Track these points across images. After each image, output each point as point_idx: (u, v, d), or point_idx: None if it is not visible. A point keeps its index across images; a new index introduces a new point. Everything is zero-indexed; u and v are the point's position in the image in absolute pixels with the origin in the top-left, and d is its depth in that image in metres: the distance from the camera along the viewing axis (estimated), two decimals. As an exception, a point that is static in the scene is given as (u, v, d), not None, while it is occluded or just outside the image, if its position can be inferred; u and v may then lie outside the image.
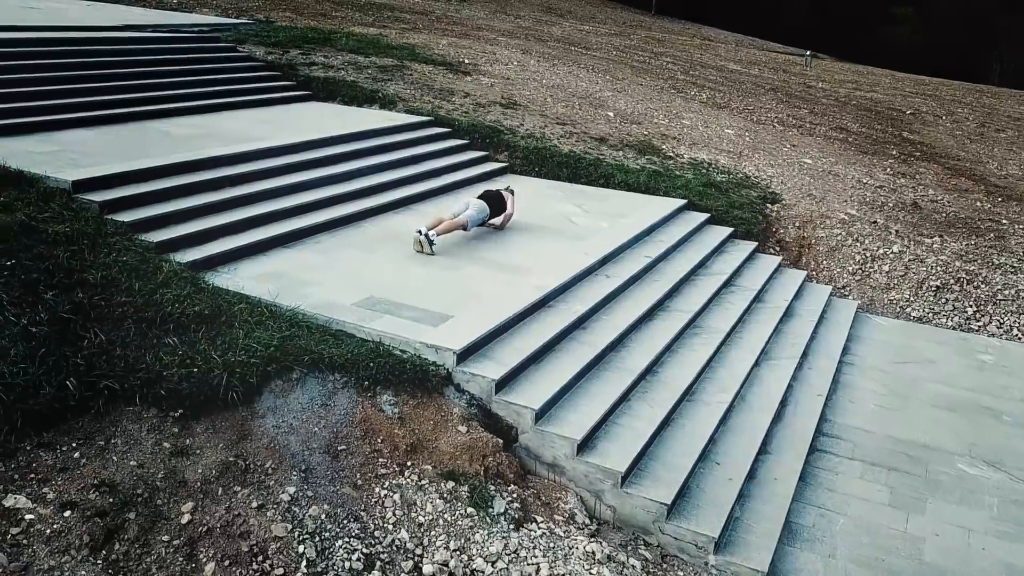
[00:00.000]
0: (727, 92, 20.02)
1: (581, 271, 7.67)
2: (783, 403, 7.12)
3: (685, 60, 26.11)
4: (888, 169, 14.89)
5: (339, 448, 4.99)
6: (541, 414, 5.63)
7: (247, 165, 8.91)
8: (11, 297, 5.20)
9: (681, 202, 10.56)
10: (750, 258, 9.89)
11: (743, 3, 72.67)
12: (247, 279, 6.82)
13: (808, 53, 39.81)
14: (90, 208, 7.03)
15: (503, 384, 5.77)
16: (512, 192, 9.08)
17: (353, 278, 7.07)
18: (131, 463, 4.42)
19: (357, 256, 7.68)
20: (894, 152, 16.53)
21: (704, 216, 10.44)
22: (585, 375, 6.29)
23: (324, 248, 7.86)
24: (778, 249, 10.75)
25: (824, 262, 10.59)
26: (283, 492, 4.58)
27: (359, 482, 4.83)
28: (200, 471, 4.52)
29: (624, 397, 6.19)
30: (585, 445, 5.55)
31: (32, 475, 4.17)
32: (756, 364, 7.53)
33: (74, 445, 4.40)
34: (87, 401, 4.67)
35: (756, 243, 10.30)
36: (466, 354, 5.90)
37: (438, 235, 7.97)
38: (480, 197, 8.70)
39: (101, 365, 4.88)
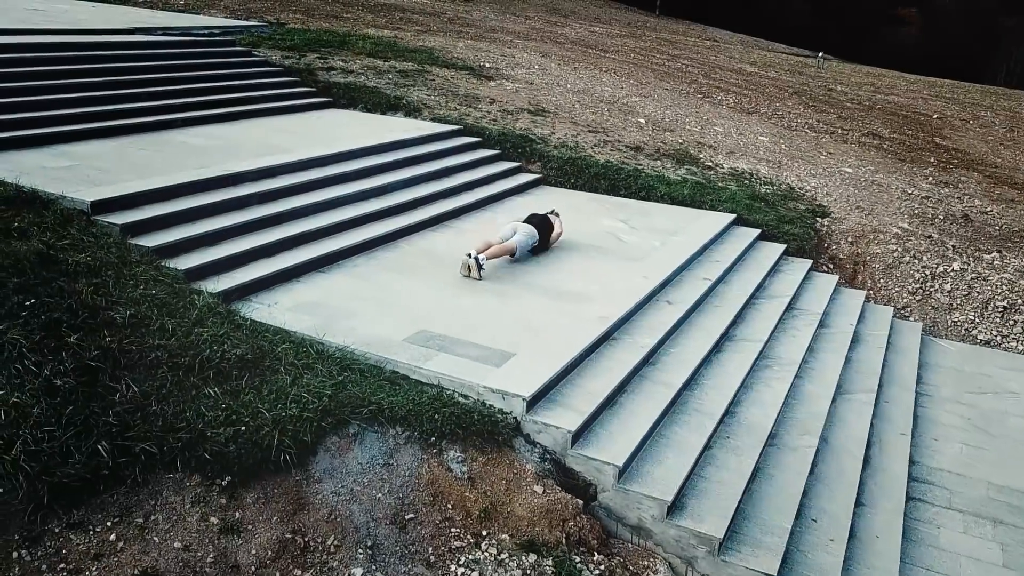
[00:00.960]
0: (752, 96, 19.43)
1: (642, 299, 7.07)
2: (868, 444, 6.52)
3: (702, 63, 25.51)
4: (930, 178, 14.30)
5: (407, 517, 4.39)
6: (624, 470, 5.03)
7: (274, 181, 8.31)
8: (32, 342, 4.59)
9: (730, 217, 9.96)
10: (807, 278, 9.30)
11: (746, 4, 72.17)
12: (285, 310, 6.21)
13: (820, 55, 39.29)
14: (111, 232, 6.42)
15: (578, 435, 5.17)
16: (558, 215, 8.50)
17: (399, 308, 6.46)
18: (175, 545, 3.81)
19: (398, 282, 7.07)
20: (932, 160, 15.95)
21: (755, 232, 9.84)
22: (663, 420, 5.68)
23: (362, 273, 7.25)
24: (831, 267, 10.16)
25: (881, 280, 10.00)
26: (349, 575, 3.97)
27: (432, 558, 4.23)
28: (254, 552, 3.91)
29: (707, 445, 5.59)
30: (674, 505, 4.95)
31: (63, 565, 3.57)
32: (833, 400, 6.93)
33: (109, 524, 3.80)
34: (121, 468, 4.06)
35: (811, 261, 9.70)
36: (535, 400, 5.29)
37: (487, 259, 7.37)
38: (527, 221, 8.10)
39: (136, 424, 4.27)
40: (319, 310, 6.31)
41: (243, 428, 4.35)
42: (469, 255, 7.32)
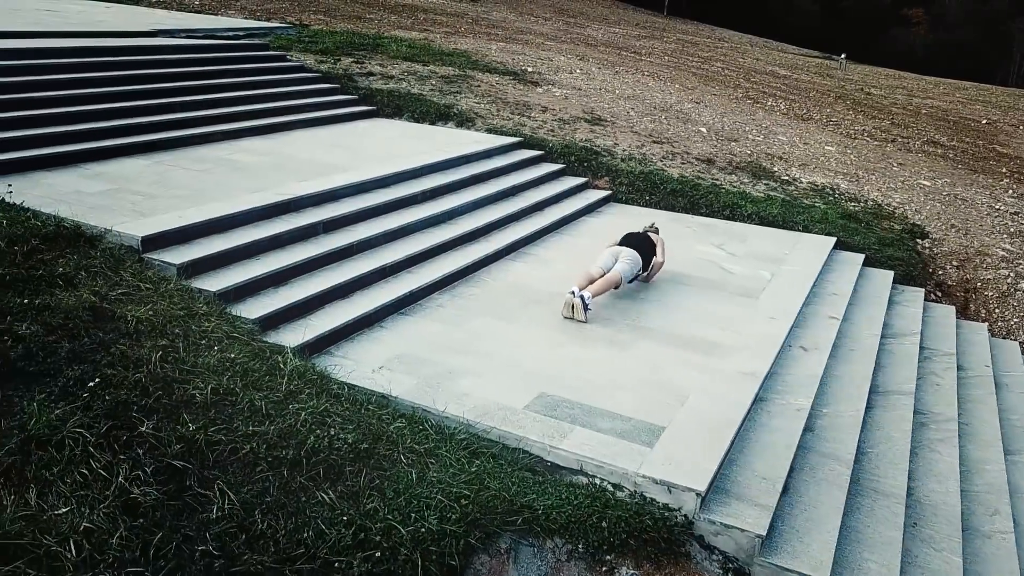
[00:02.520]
0: (800, 102, 18.48)
1: (781, 347, 6.10)
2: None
3: (735, 65, 24.57)
4: (1010, 191, 13.36)
5: (588, 667, 3.41)
6: (828, 584, 4.05)
7: (336, 205, 7.33)
8: (97, 437, 3.60)
9: (831, 241, 9.00)
10: (925, 310, 8.34)
11: (752, 4, 71.30)
12: (377, 368, 5.23)
13: (842, 56, 38.43)
14: (168, 274, 5.43)
15: (766, 538, 4.19)
16: (657, 230, 7.51)
17: (505, 363, 5.49)
18: None
19: (494, 326, 6.09)
20: (1003, 170, 15.01)
21: (860, 258, 8.88)
22: (847, 510, 4.71)
23: (449, 316, 6.27)
24: (939, 295, 9.20)
25: (996, 310, 9.04)
26: None
27: None
28: None
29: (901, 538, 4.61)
30: (892, 628, 3.98)
31: None
32: (1004, 467, 5.97)
33: None
34: (230, 619, 3.07)
35: (922, 290, 8.74)
36: (707, 492, 4.31)
37: (592, 296, 6.39)
38: (623, 243, 7.12)
39: (241, 551, 3.28)
40: (416, 366, 5.32)
41: (377, 553, 3.36)
42: (572, 293, 6.35)
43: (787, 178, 11.21)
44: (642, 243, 7.14)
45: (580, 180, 10.18)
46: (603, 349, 5.84)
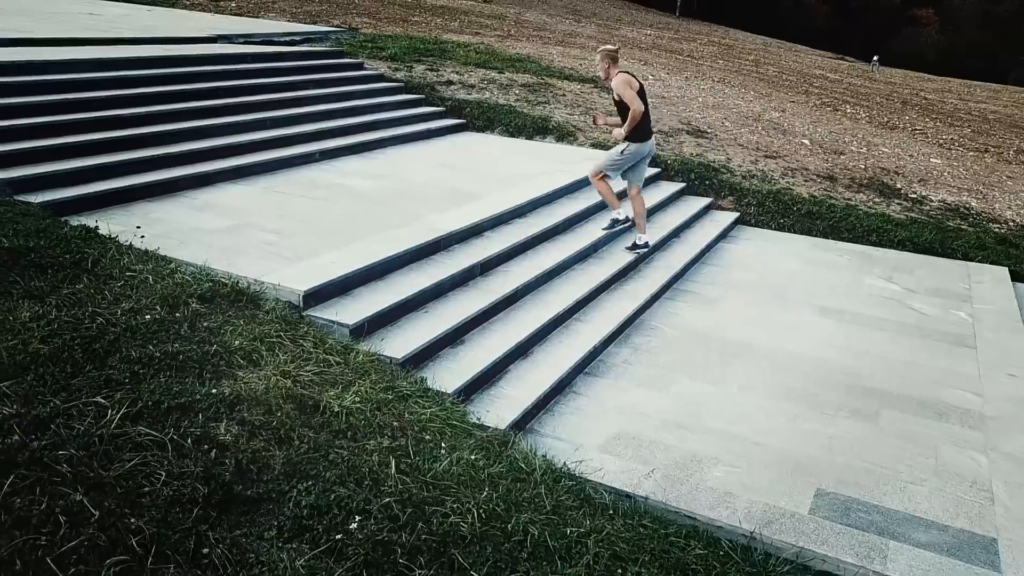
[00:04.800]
0: (874, 109, 17.61)
1: (1046, 414, 5.17)
2: None
3: (787, 69, 23.71)
4: None
5: None
6: None
7: (482, 242, 6.40)
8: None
9: (1005, 271, 8.10)
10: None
11: (763, 5, 70.60)
12: (602, 454, 4.30)
13: (875, 58, 37.67)
14: (341, 336, 4.49)
15: None
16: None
17: (749, 445, 4.56)
18: None
19: (704, 393, 5.17)
20: (1110, 181, 14.12)
21: (1038, 290, 7.96)
22: None
23: (642, 376, 5.34)
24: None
25: None
26: None
27: None
28: None
29: None
30: None
31: None
32: None
33: None
34: None
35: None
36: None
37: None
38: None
39: None
40: (645, 451, 4.39)
41: None
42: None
43: (914, 196, 10.30)
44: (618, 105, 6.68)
45: (704, 200, 9.26)
46: (846, 421, 4.91)
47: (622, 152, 6.75)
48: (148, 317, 3.93)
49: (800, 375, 5.46)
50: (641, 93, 6.52)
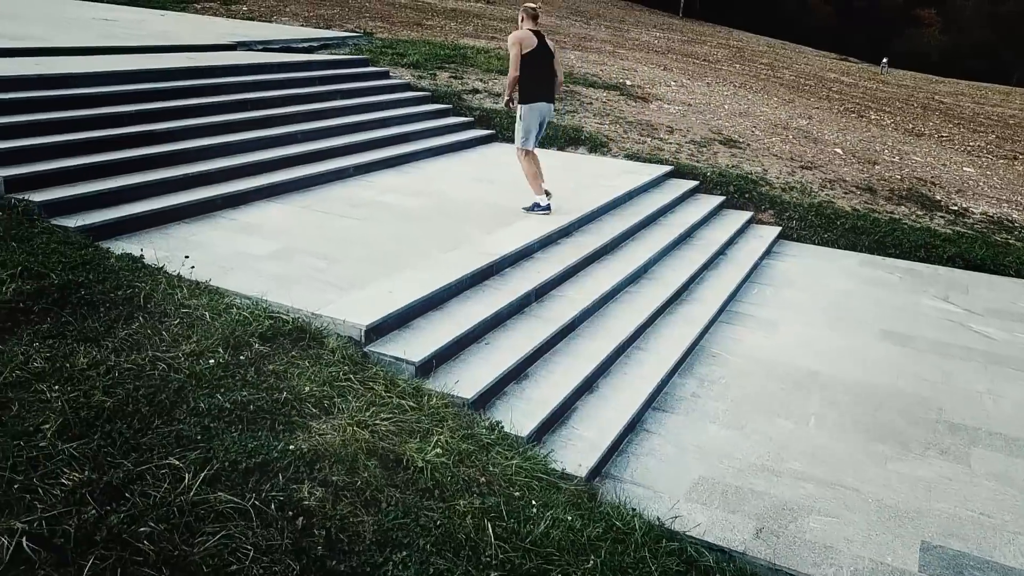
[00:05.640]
0: (901, 115, 17.36)
1: None
2: None
3: (802, 72, 23.46)
4: None
5: None
6: None
7: (535, 265, 6.15)
8: None
9: (1063, 290, 7.84)
10: None
11: (766, 5, 70.40)
12: (687, 503, 4.04)
13: (885, 61, 37.46)
14: (407, 375, 4.23)
15: None
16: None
17: (841, 489, 4.30)
18: None
19: (783, 429, 4.91)
20: None
21: (1098, 309, 7.70)
22: None
23: (714, 412, 5.09)
24: None
25: None
26: None
27: None
28: None
29: None
30: None
31: None
32: None
33: None
34: None
35: None
36: None
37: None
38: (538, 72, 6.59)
39: None
40: (733, 499, 4.13)
41: None
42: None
43: (955, 208, 10.05)
44: (549, 65, 6.64)
45: (745, 215, 9.00)
46: (937, 461, 4.65)
47: (520, 117, 6.67)
48: (212, 361, 3.66)
49: (876, 408, 5.20)
50: (537, 53, 6.49)
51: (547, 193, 6.98)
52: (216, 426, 3.26)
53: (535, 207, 6.93)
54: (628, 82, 14.02)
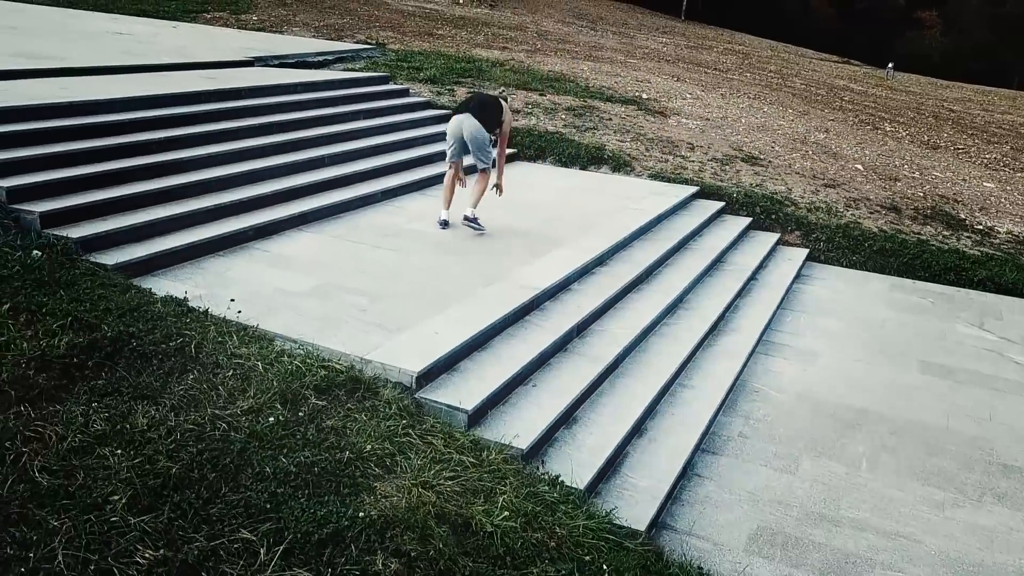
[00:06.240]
0: (914, 126, 17.31)
1: None
2: None
3: (811, 80, 23.41)
4: None
5: None
6: None
7: (574, 299, 6.09)
8: None
9: (1097, 316, 7.77)
10: None
11: (767, 7, 70.39)
12: (749, 555, 3.97)
13: (890, 65, 37.40)
14: (459, 423, 4.15)
15: None
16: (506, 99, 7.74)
17: (904, 541, 4.24)
18: None
19: (836, 473, 4.85)
20: None
21: None
22: None
23: (764, 454, 5.02)
24: None
25: None
26: None
27: None
28: None
29: None
30: None
31: None
32: None
33: None
34: None
35: None
36: None
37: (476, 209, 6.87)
38: (461, 110, 6.84)
39: None
40: (795, 551, 4.07)
41: None
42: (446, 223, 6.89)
43: (981, 228, 10.00)
44: (485, 105, 6.81)
45: (773, 237, 8.94)
46: (996, 507, 4.58)
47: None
48: (272, 420, 3.59)
49: (927, 448, 5.14)
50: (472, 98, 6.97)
51: (446, 209, 7.13)
52: (283, 492, 3.19)
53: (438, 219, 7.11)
54: (644, 95, 13.96)
